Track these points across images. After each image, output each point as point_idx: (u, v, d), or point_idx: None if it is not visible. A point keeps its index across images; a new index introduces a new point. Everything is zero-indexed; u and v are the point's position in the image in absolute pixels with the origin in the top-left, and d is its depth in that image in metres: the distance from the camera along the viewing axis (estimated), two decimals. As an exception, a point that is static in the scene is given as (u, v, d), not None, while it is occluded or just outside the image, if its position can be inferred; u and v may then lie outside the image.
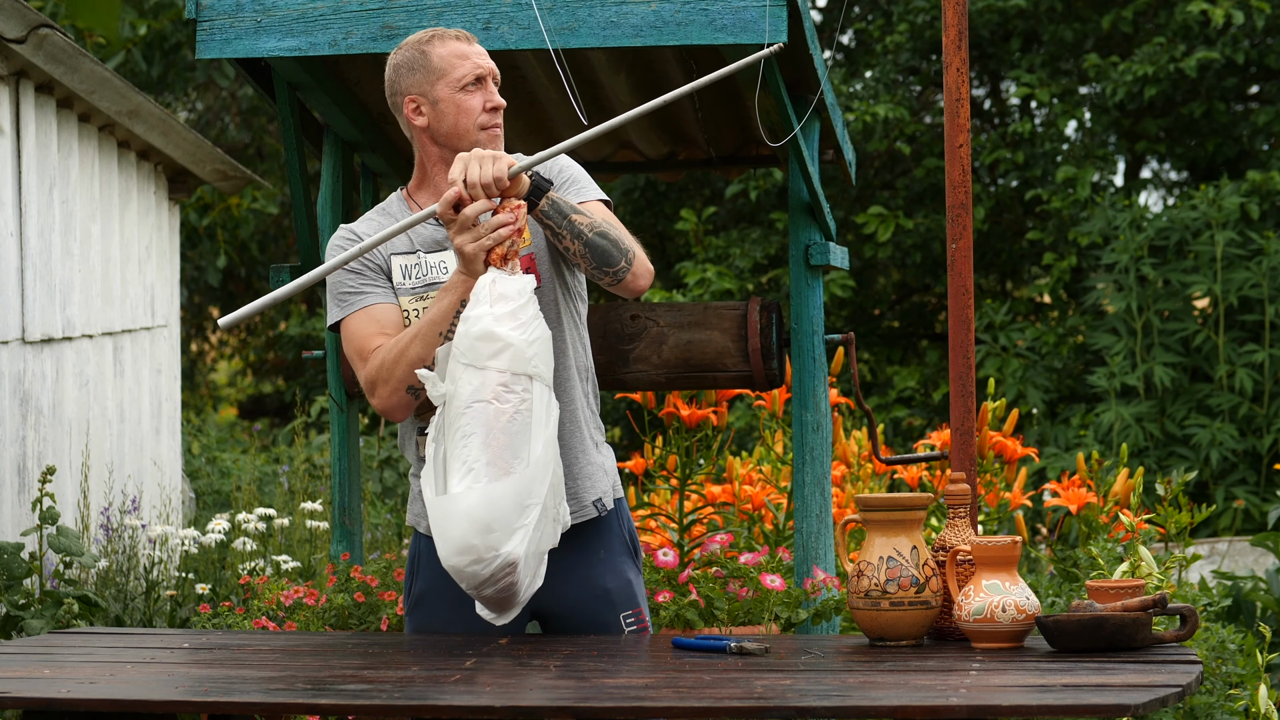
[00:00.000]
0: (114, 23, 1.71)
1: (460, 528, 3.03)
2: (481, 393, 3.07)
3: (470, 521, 3.03)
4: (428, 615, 3.33)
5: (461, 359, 3.07)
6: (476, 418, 3.07)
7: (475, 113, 3.27)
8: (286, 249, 13.26)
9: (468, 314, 3.07)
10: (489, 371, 3.08)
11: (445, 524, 3.04)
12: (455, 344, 3.08)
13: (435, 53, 3.29)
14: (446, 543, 3.04)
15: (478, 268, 3.11)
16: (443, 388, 3.09)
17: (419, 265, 3.29)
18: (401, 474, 9.29)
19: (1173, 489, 4.79)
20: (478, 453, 3.06)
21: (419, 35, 3.33)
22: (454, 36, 3.31)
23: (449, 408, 3.07)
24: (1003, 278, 12.03)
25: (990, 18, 10.85)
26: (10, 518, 5.92)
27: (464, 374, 3.06)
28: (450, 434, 3.06)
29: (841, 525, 3.17)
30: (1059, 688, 2.60)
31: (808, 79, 4.16)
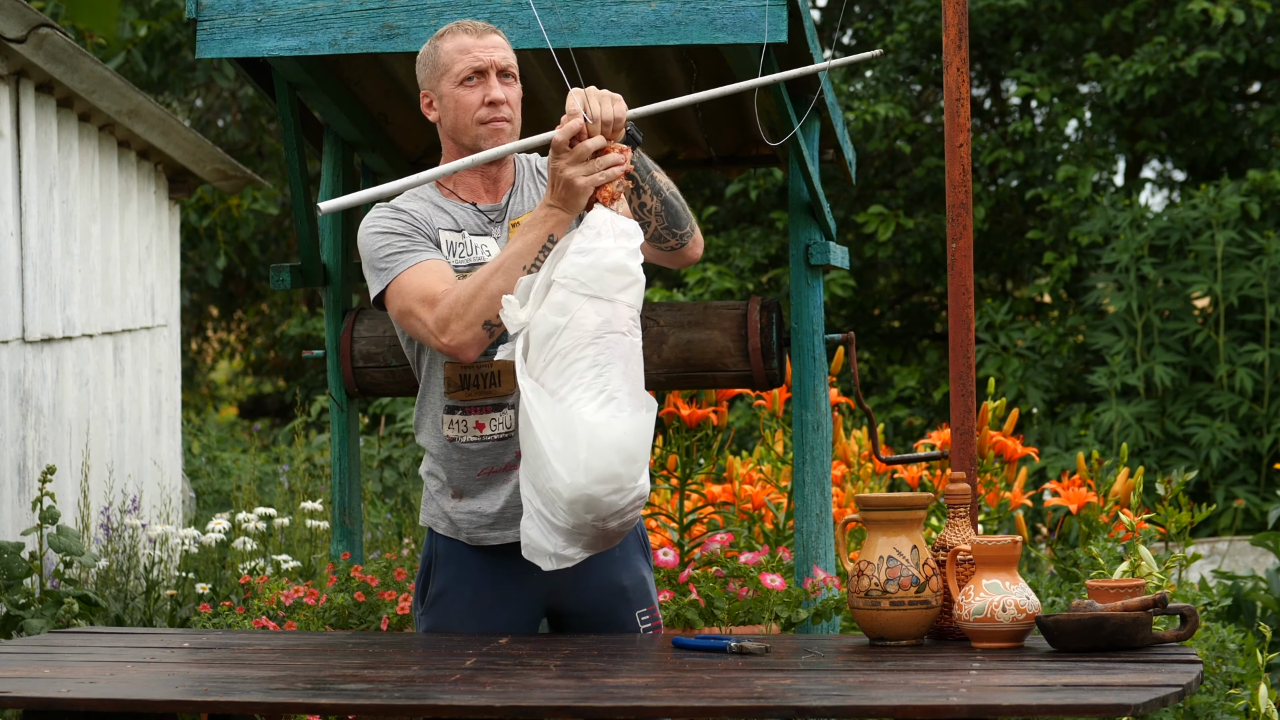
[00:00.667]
0: (113, 23, 1.72)
1: (606, 456, 3.01)
2: (615, 324, 3.07)
3: (617, 450, 3.01)
4: (443, 614, 3.32)
5: (582, 290, 3.05)
6: (613, 349, 3.07)
7: (473, 108, 3.27)
8: (287, 249, 13.26)
9: (588, 245, 3.06)
10: (619, 304, 3.08)
11: (590, 451, 3.00)
12: (574, 274, 3.05)
13: (443, 48, 3.30)
14: (588, 470, 3.00)
15: (580, 202, 3.10)
16: (524, 315, 3.07)
17: (465, 245, 3.29)
18: (402, 474, 9.29)
19: (1173, 489, 4.79)
20: (619, 382, 3.06)
21: (443, 29, 3.34)
22: (466, 30, 3.30)
23: (560, 336, 3.04)
24: (1003, 277, 12.03)
25: (990, 17, 10.85)
26: (10, 517, 5.92)
27: (588, 304, 3.04)
28: (567, 362, 3.03)
29: (842, 525, 3.17)
30: (1059, 687, 2.60)
31: (807, 78, 4.16)
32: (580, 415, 3.02)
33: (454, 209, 3.31)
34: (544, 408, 3.02)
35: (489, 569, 3.32)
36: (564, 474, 3.00)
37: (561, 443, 3.00)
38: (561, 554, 3.06)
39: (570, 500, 3.00)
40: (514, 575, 3.31)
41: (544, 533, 3.07)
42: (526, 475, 3.07)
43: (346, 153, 4.55)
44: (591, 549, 3.08)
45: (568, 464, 3.00)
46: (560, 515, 3.03)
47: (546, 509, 3.04)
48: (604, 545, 3.08)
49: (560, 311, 3.05)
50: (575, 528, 3.04)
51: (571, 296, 3.05)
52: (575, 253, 3.06)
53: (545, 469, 3.01)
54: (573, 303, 3.04)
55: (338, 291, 4.44)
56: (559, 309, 3.05)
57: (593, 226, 3.08)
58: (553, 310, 3.05)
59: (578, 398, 3.02)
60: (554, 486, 3.01)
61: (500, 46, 3.31)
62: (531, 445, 3.04)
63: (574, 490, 3.00)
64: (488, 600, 3.30)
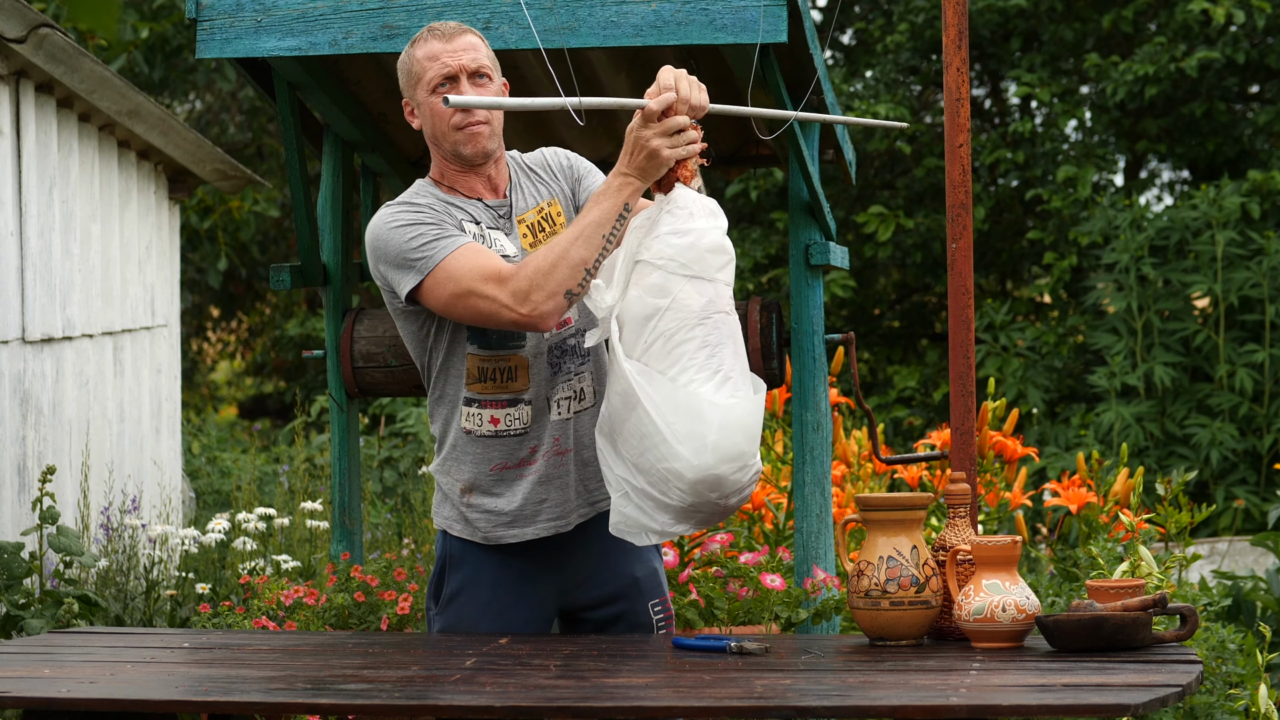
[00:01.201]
0: (113, 24, 1.72)
1: (734, 437, 3.05)
2: (718, 304, 3.11)
3: (743, 430, 3.06)
4: (458, 615, 3.33)
5: (683, 271, 3.07)
6: (721, 328, 3.11)
7: (447, 116, 3.26)
8: (287, 249, 13.25)
9: (683, 226, 3.09)
10: (719, 284, 3.12)
11: (721, 433, 3.04)
12: (672, 255, 3.08)
13: (415, 56, 3.29)
14: (717, 451, 3.04)
15: (658, 173, 3.11)
16: (610, 297, 3.10)
17: (484, 238, 3.29)
18: (402, 474, 9.28)
19: (1173, 489, 4.79)
20: (732, 362, 3.10)
21: (418, 34, 3.33)
22: (437, 34, 3.28)
23: (662, 318, 3.06)
24: (1003, 277, 12.03)
25: (990, 17, 10.85)
26: (10, 517, 5.92)
27: (689, 285, 3.07)
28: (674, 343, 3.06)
29: (841, 525, 3.17)
30: (1059, 687, 2.60)
31: (807, 79, 4.16)
32: (703, 396, 3.05)
33: (465, 204, 3.31)
34: (657, 390, 3.05)
35: (504, 569, 3.32)
36: (688, 455, 3.03)
37: (685, 424, 3.03)
38: (667, 530, 3.11)
39: (695, 481, 3.04)
40: (529, 574, 3.31)
41: (646, 511, 3.10)
42: (624, 456, 3.09)
43: (346, 153, 4.55)
44: (704, 525, 3.14)
45: (693, 445, 3.03)
46: (675, 494, 3.06)
47: (655, 488, 3.07)
48: (717, 520, 3.14)
49: (660, 293, 3.07)
50: (692, 506, 3.08)
51: (671, 278, 3.07)
52: (670, 234, 3.08)
53: (658, 450, 3.04)
54: (673, 284, 3.07)
55: (337, 291, 4.44)
56: (658, 290, 3.07)
57: (683, 206, 3.11)
58: (650, 292, 3.07)
59: (691, 378, 3.06)
60: (672, 467, 3.04)
61: (471, 48, 3.28)
62: (637, 427, 3.05)
63: (700, 471, 3.03)
64: (503, 600, 3.31)
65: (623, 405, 3.07)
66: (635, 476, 3.08)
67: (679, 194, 3.11)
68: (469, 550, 3.33)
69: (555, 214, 3.36)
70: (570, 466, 3.30)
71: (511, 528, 3.29)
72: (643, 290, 3.07)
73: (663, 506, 3.07)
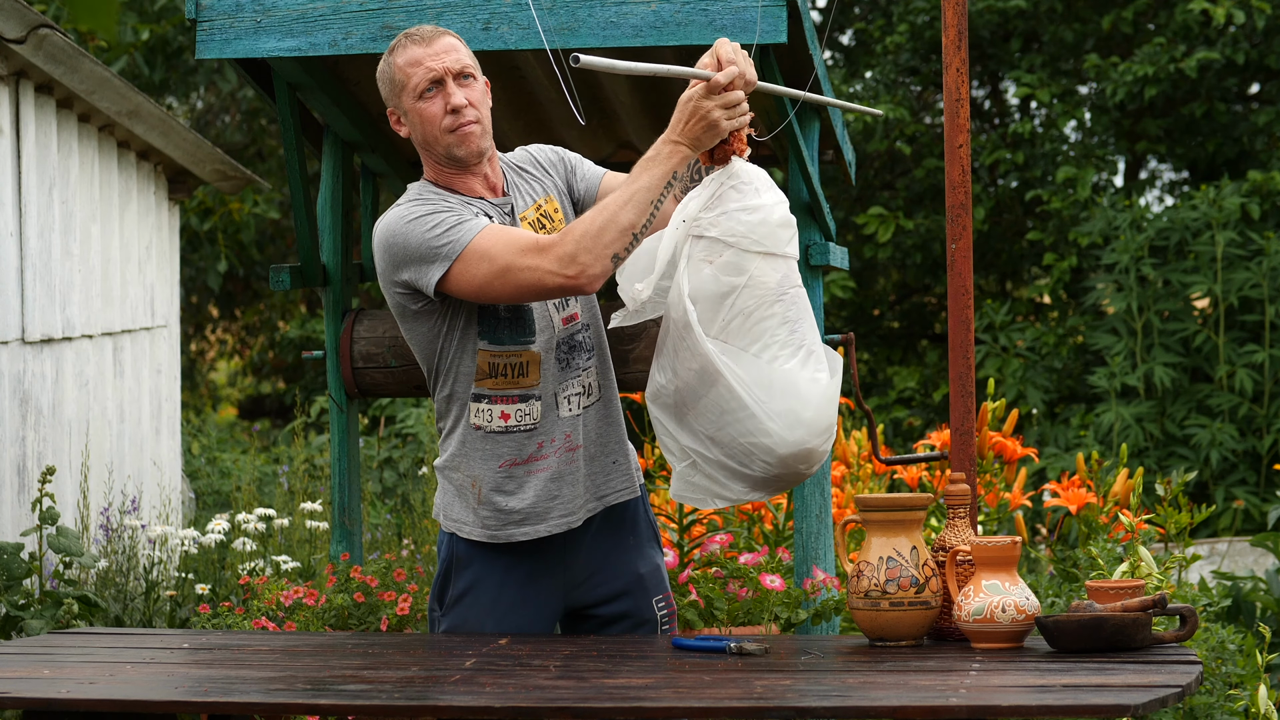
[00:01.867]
0: (113, 25, 1.72)
1: (826, 411, 3.12)
2: (792, 278, 3.16)
3: (832, 404, 3.14)
4: (464, 616, 3.32)
5: (756, 247, 3.10)
6: (799, 303, 3.16)
7: (438, 119, 3.25)
8: (284, 249, 13.25)
9: (752, 203, 3.11)
10: (790, 259, 3.16)
11: (816, 409, 3.10)
12: (744, 231, 3.09)
13: (396, 64, 3.27)
14: (812, 425, 3.11)
15: (709, 145, 3.12)
16: (645, 290, 3.12)
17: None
18: (402, 474, 9.29)
19: (1172, 489, 4.79)
20: (812, 336, 3.17)
21: (394, 42, 3.30)
22: (415, 39, 3.26)
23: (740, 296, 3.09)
24: (1003, 278, 12.03)
25: (990, 18, 10.85)
26: (10, 518, 5.92)
27: (764, 262, 3.10)
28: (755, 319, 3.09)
29: (841, 525, 3.17)
30: (1059, 688, 2.60)
31: (807, 79, 4.16)
32: (794, 373, 3.10)
33: (471, 202, 3.31)
34: (744, 369, 3.08)
35: (511, 569, 3.32)
36: (781, 430, 3.09)
37: (779, 401, 3.08)
38: (740, 497, 3.17)
39: (786, 455, 3.10)
40: (536, 573, 3.31)
41: (719, 480, 3.15)
42: (697, 430, 3.13)
43: (346, 153, 4.55)
44: (777, 492, 3.20)
45: (787, 421, 3.09)
46: (759, 466, 3.11)
47: (733, 460, 3.12)
48: (790, 487, 3.21)
49: (735, 271, 3.09)
50: (777, 477, 3.14)
51: (744, 255, 3.09)
52: (741, 210, 3.10)
53: (744, 425, 3.09)
54: (747, 261, 3.09)
55: (337, 292, 4.44)
56: (733, 269, 3.09)
57: (748, 182, 3.13)
58: (725, 270, 3.09)
59: (775, 354, 3.10)
60: (760, 442, 3.09)
61: (452, 49, 3.26)
62: (717, 403, 3.09)
63: (793, 445, 3.09)
64: (509, 600, 3.31)
65: (699, 381, 3.10)
66: (709, 449, 3.14)
67: (740, 167, 3.13)
68: (475, 552, 3.33)
69: (552, 211, 3.36)
70: (580, 463, 3.30)
71: (523, 525, 3.29)
72: (717, 269, 3.09)
73: (740, 476, 3.14)
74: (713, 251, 3.10)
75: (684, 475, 3.18)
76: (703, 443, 3.14)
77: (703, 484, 3.17)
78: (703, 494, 3.17)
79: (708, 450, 3.14)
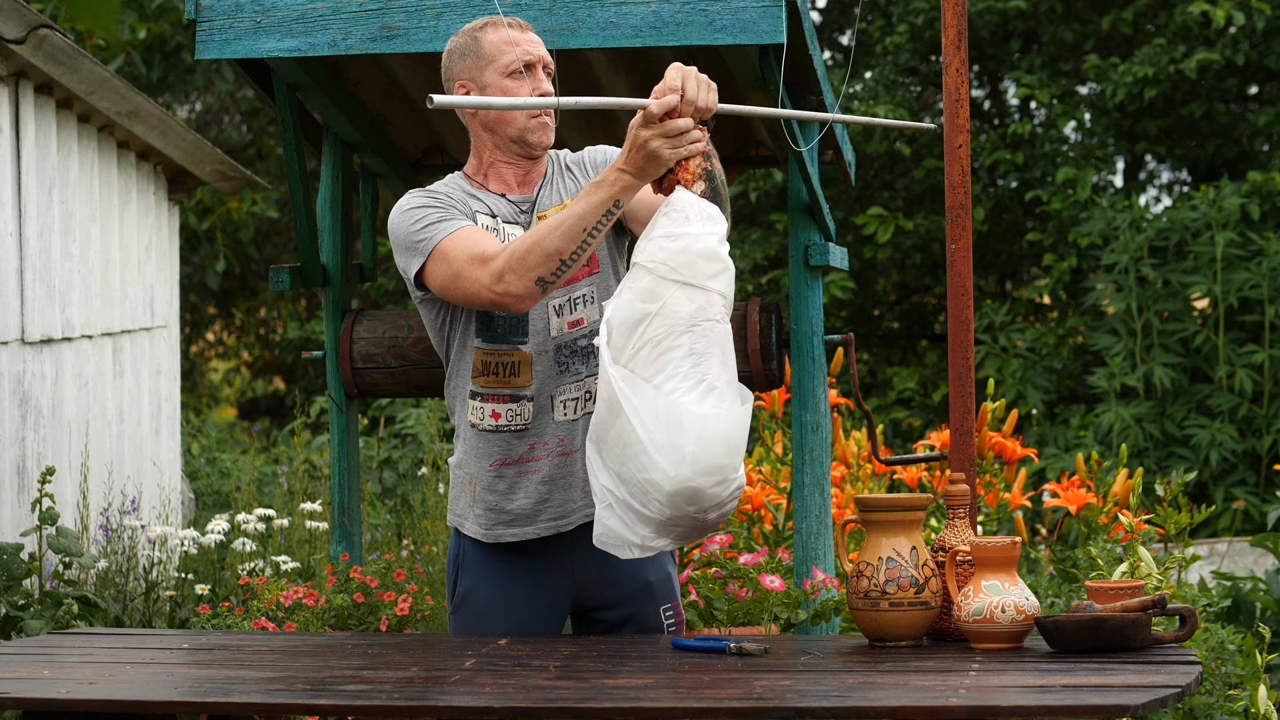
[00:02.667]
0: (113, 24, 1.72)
1: (713, 449, 2.97)
2: (708, 312, 3.03)
3: (723, 442, 2.98)
4: (471, 614, 3.33)
5: (673, 275, 3.01)
6: (709, 336, 3.03)
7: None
8: (281, 247, 13.25)
9: (677, 230, 3.03)
10: (710, 292, 3.04)
11: (699, 444, 2.96)
12: (663, 259, 3.02)
13: (486, 39, 3.29)
14: (694, 463, 2.96)
15: (656, 173, 3.07)
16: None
17: (498, 231, 3.29)
18: (402, 475, 9.29)
19: (1172, 490, 4.79)
20: (718, 371, 3.03)
21: (475, 22, 3.34)
22: (508, 24, 3.30)
23: (651, 323, 3.00)
24: (1002, 278, 12.03)
25: (990, 19, 10.85)
26: (10, 518, 5.91)
27: (679, 291, 3.01)
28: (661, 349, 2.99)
29: (841, 526, 3.17)
30: (1058, 688, 2.60)
31: (807, 80, 4.17)
32: (684, 406, 2.97)
33: (486, 197, 3.32)
34: (640, 397, 2.98)
35: (515, 567, 3.32)
36: (666, 466, 2.96)
37: (664, 434, 2.96)
38: (648, 545, 3.04)
39: (672, 493, 2.97)
40: (541, 572, 3.32)
41: (628, 523, 3.02)
42: (608, 465, 3.02)
43: (346, 153, 4.55)
44: (683, 540, 3.06)
45: (670, 456, 2.96)
46: (654, 507, 2.99)
47: (635, 499, 3.00)
48: (697, 536, 3.07)
49: (650, 298, 3.01)
50: (671, 519, 3.00)
51: (661, 282, 3.01)
52: (664, 237, 3.03)
53: (639, 459, 2.97)
54: (663, 289, 3.01)
55: (337, 293, 4.44)
56: (648, 295, 3.01)
57: (679, 210, 3.05)
58: (641, 297, 3.01)
59: (675, 386, 2.99)
60: (651, 478, 2.97)
61: (541, 43, 3.34)
62: (620, 435, 2.98)
63: (677, 483, 2.96)
64: (517, 598, 3.31)
65: (608, 412, 3.00)
66: (618, 487, 3.02)
67: (678, 197, 3.07)
68: (480, 548, 3.34)
69: None
70: (576, 467, 3.29)
71: (512, 526, 3.30)
72: (634, 294, 3.01)
73: (643, 519, 3.01)
74: (635, 277, 3.03)
75: (601, 517, 3.04)
76: (614, 480, 3.02)
77: (616, 527, 3.03)
78: (617, 540, 3.03)
79: (617, 489, 3.02)
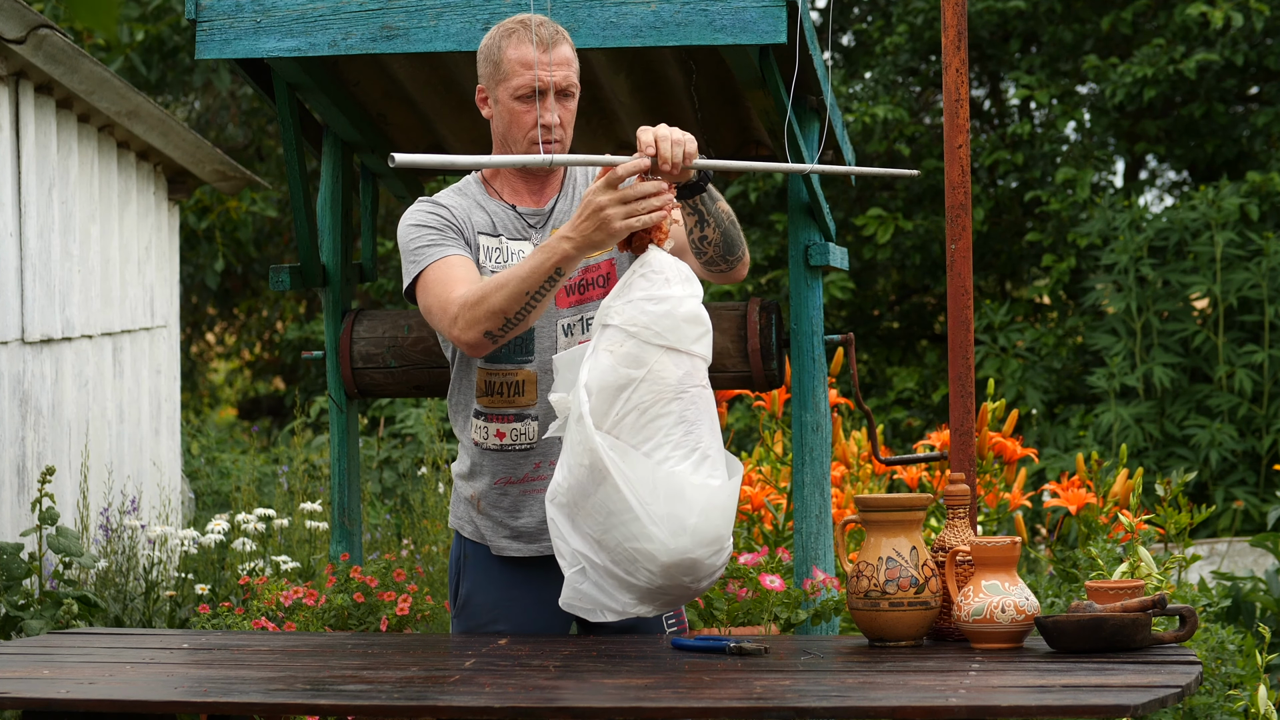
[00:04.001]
0: (113, 23, 1.71)
1: (714, 520, 2.93)
2: (695, 378, 2.97)
3: (722, 513, 2.95)
4: (474, 618, 3.34)
5: (658, 340, 2.93)
6: (698, 403, 2.96)
7: (527, 127, 3.23)
8: (281, 247, 13.25)
9: (659, 293, 2.94)
10: (695, 357, 2.98)
11: (702, 516, 2.91)
12: (647, 323, 2.93)
13: (508, 55, 3.23)
14: (696, 534, 2.91)
15: (601, 244, 2.99)
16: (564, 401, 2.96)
17: (501, 250, 3.27)
18: (401, 474, 9.29)
19: (1172, 490, 4.79)
20: (710, 440, 2.97)
21: (508, 22, 3.25)
22: (535, 40, 3.21)
23: (637, 390, 2.91)
24: (1002, 279, 12.03)
25: (989, 19, 10.85)
26: (10, 518, 5.92)
27: (665, 356, 2.93)
28: (649, 417, 2.91)
29: (841, 526, 3.17)
30: (1058, 688, 2.60)
31: (807, 80, 4.17)
32: (683, 476, 2.91)
33: (495, 209, 3.30)
34: (631, 467, 2.90)
35: (518, 571, 3.32)
36: (664, 537, 2.90)
37: (663, 506, 2.90)
38: (627, 611, 2.99)
39: (669, 564, 2.91)
40: (543, 576, 3.30)
41: (607, 590, 2.97)
42: (583, 531, 2.96)
43: (346, 153, 4.55)
44: (668, 607, 3.02)
45: (670, 527, 2.90)
46: (644, 575, 2.93)
47: (618, 567, 2.94)
48: (682, 604, 3.03)
49: (634, 363, 2.92)
50: (660, 588, 2.96)
51: (645, 347, 2.93)
52: (645, 299, 2.94)
53: (628, 529, 2.91)
54: (647, 354, 2.92)
55: (337, 293, 4.44)
56: (632, 360, 2.92)
57: (659, 271, 2.96)
58: (624, 362, 2.93)
59: (667, 455, 2.92)
60: (642, 548, 2.91)
61: (566, 62, 3.24)
62: (604, 503, 2.91)
63: (675, 554, 2.91)
64: (520, 602, 3.31)
65: (589, 478, 2.92)
66: (597, 553, 2.95)
67: (654, 256, 2.98)
68: (482, 553, 3.34)
69: None
70: None
71: (515, 541, 3.31)
72: (615, 359, 2.93)
73: (626, 586, 2.96)
74: (615, 341, 2.94)
75: (572, 582, 2.99)
76: (591, 546, 2.96)
77: (590, 593, 2.98)
78: (591, 604, 2.98)
79: (595, 555, 2.96)
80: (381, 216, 11.90)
